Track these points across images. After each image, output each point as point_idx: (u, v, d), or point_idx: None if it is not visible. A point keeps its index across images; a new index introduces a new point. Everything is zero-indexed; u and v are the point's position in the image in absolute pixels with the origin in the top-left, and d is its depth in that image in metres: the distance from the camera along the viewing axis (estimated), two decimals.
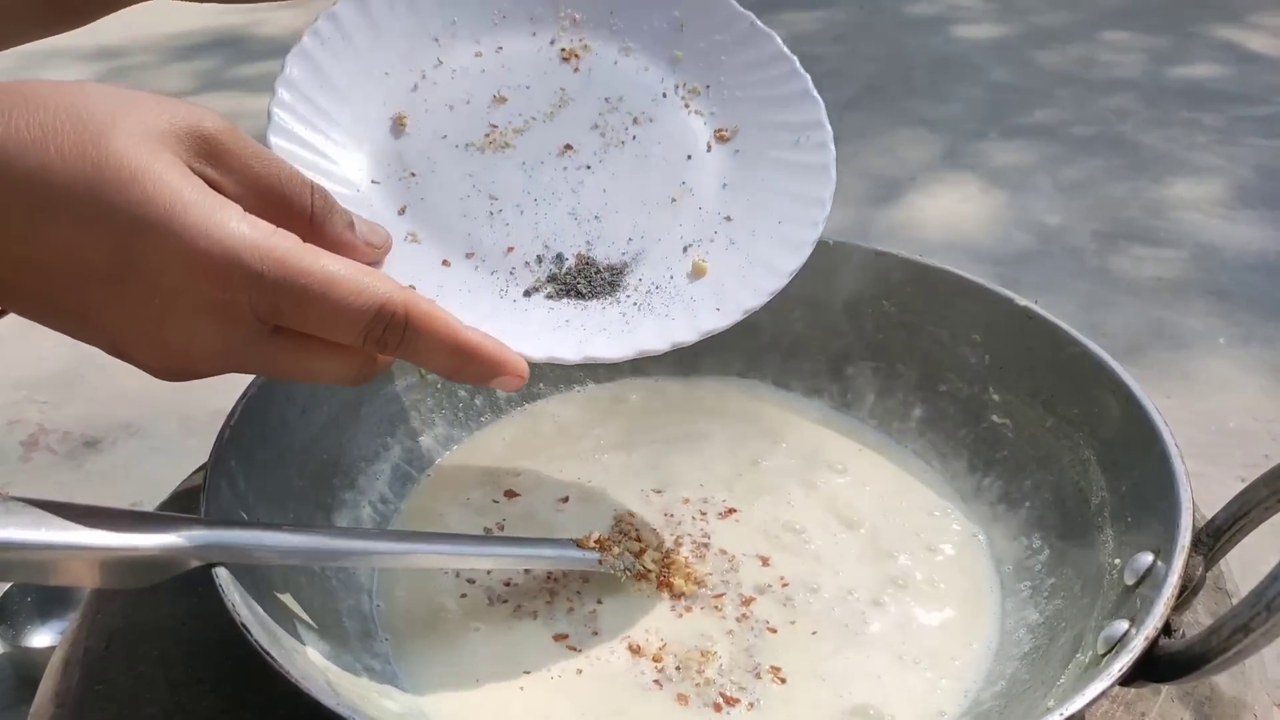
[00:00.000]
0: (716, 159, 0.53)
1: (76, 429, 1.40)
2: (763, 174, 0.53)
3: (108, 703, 0.46)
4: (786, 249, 0.51)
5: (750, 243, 0.51)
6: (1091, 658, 0.41)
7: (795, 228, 0.51)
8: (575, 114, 0.53)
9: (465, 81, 0.53)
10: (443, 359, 0.41)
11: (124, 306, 0.37)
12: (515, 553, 0.50)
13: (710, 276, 0.51)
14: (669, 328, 0.49)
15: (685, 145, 0.53)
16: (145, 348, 0.39)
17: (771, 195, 0.52)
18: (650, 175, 0.53)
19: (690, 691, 0.46)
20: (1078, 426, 0.53)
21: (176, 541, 0.39)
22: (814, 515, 0.56)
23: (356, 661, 0.46)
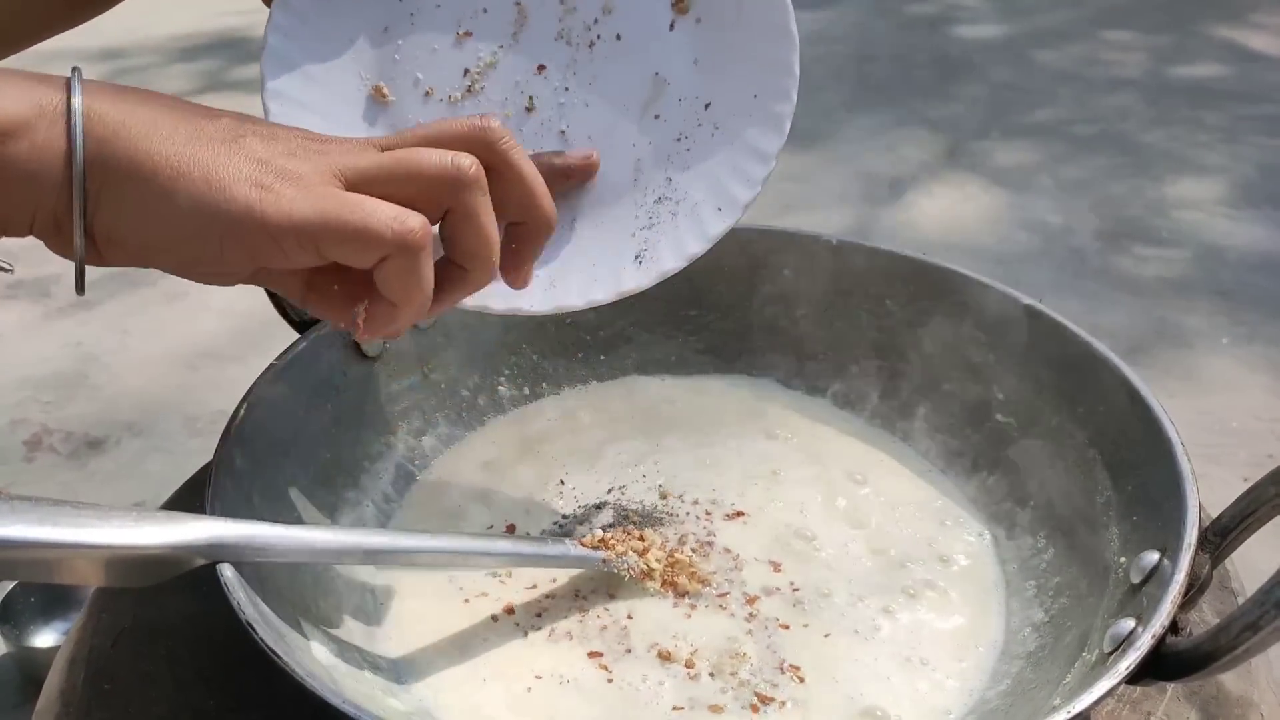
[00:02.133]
0: (681, 35, 0.53)
1: (80, 429, 1.40)
2: (729, 40, 0.52)
3: (114, 700, 0.46)
4: (767, 128, 0.51)
5: (732, 124, 0.52)
6: (1098, 656, 0.40)
7: (770, 101, 0.51)
8: (537, 29, 0.53)
9: (428, 27, 0.53)
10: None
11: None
12: (519, 551, 0.50)
13: (704, 172, 0.52)
14: (682, 241, 0.51)
15: (649, 28, 0.53)
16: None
17: (741, 66, 0.52)
18: (625, 75, 0.53)
19: (728, 699, 0.46)
20: (1083, 425, 0.53)
21: (181, 540, 0.39)
22: (824, 521, 0.56)
23: (363, 660, 0.46)
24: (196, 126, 0.39)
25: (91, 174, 0.38)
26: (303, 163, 0.39)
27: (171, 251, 0.40)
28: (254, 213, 0.38)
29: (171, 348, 1.57)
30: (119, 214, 0.39)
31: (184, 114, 0.40)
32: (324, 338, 0.56)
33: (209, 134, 0.39)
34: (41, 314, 1.65)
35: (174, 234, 0.39)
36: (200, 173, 0.38)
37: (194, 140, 0.39)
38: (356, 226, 0.38)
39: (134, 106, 0.39)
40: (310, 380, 0.55)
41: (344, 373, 0.57)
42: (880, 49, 2.82)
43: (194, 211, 0.38)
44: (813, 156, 2.17)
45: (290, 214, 0.38)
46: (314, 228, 0.38)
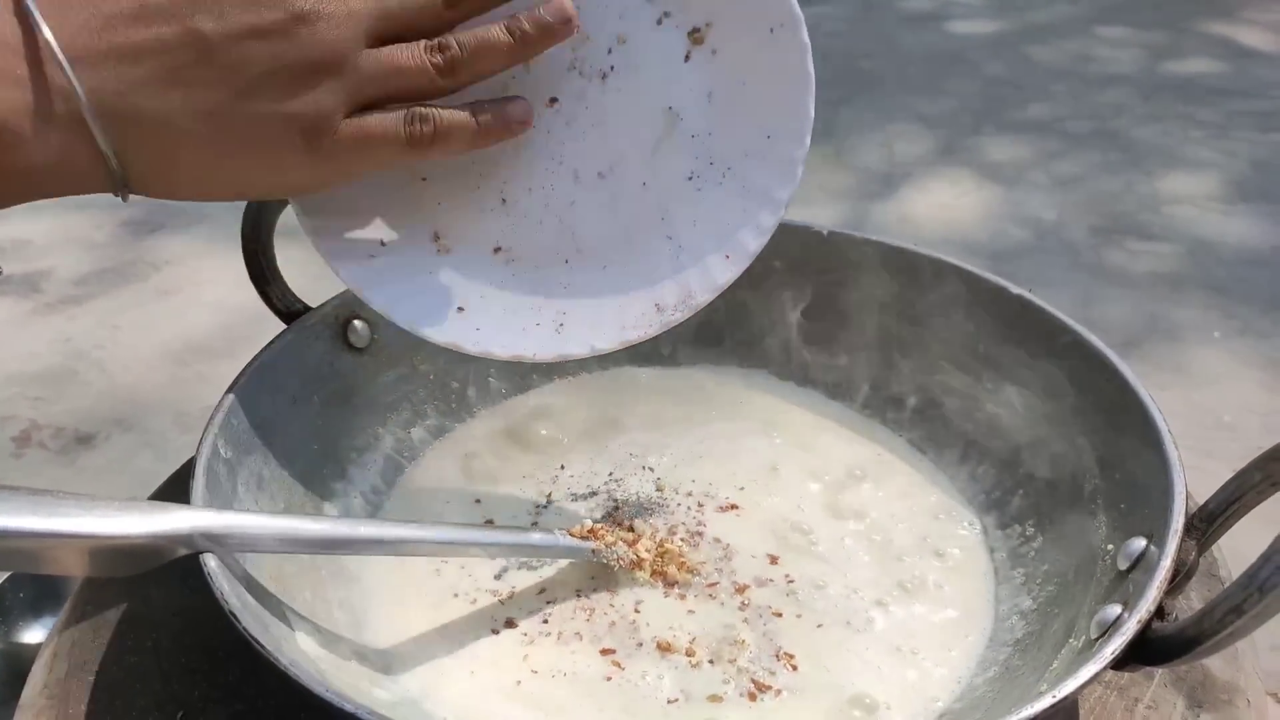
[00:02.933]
0: (697, 67, 0.51)
1: (70, 425, 1.39)
2: (744, 77, 0.50)
3: (98, 692, 0.45)
4: (779, 173, 0.50)
5: (743, 167, 0.51)
6: (1084, 642, 0.40)
7: (784, 144, 0.50)
8: (549, 59, 0.51)
9: None
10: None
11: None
12: (508, 541, 0.50)
13: (713, 217, 0.51)
14: (689, 290, 0.51)
15: (663, 60, 0.51)
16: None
17: (756, 105, 0.50)
18: (638, 108, 0.51)
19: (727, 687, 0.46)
20: (1071, 413, 0.52)
21: (164, 529, 0.39)
22: (821, 516, 0.56)
23: (349, 651, 0.46)
24: (198, 76, 0.40)
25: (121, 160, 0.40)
26: (316, 96, 0.42)
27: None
28: (310, 179, 0.44)
29: (162, 343, 1.57)
30: (159, 179, 0.42)
31: (165, 65, 0.40)
32: (311, 329, 0.56)
33: (215, 85, 0.41)
34: (30, 309, 1.64)
35: (228, 193, 0.44)
36: (241, 146, 0.42)
37: (208, 101, 0.40)
38: (382, 157, 0.44)
39: (118, 71, 0.39)
40: (297, 371, 0.55)
41: (331, 364, 0.57)
42: (874, 44, 2.82)
43: (249, 187, 0.45)
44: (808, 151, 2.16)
45: (338, 171, 0.44)
46: (353, 172, 0.45)
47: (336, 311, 0.57)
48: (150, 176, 0.42)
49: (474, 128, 0.46)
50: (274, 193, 0.46)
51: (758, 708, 0.45)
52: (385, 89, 0.44)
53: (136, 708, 0.44)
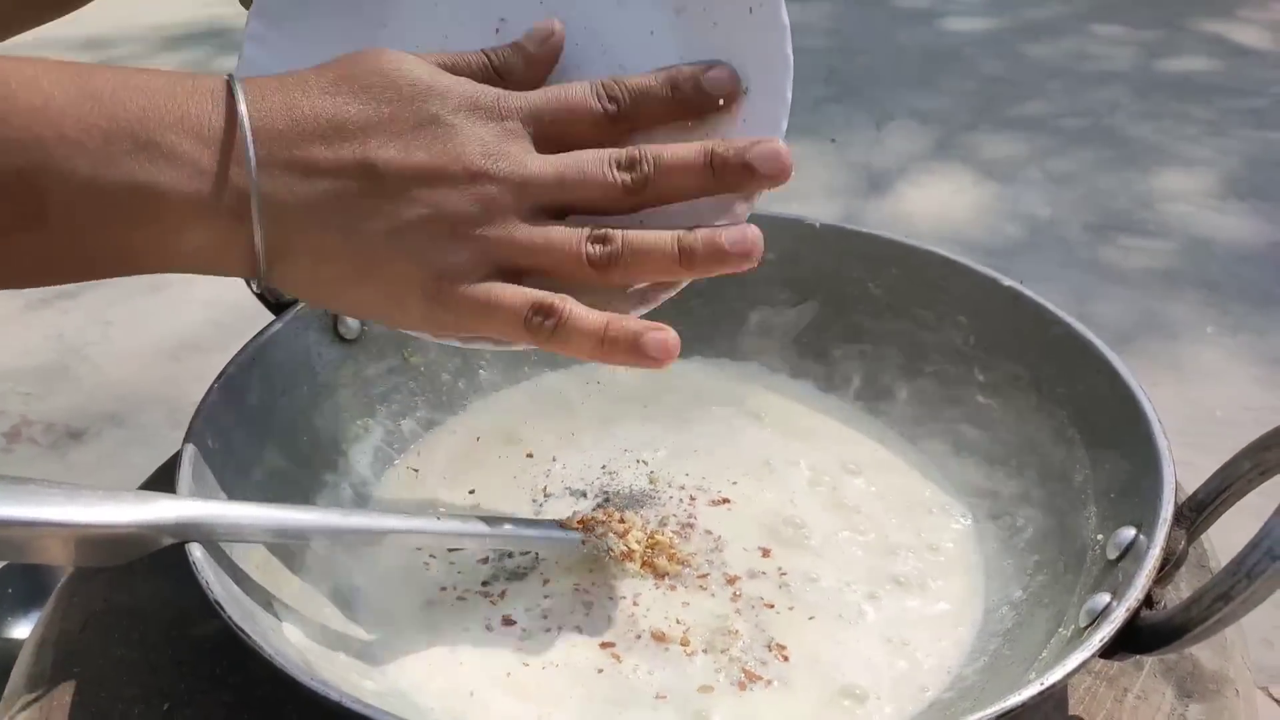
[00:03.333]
0: (670, 45, 0.48)
1: (60, 420, 1.39)
2: (715, 44, 0.48)
3: (83, 684, 0.45)
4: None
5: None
6: (1074, 631, 0.40)
7: (759, 130, 0.47)
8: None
9: (406, 40, 0.49)
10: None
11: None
12: (497, 532, 0.49)
13: (686, 205, 0.47)
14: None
15: (636, 39, 0.49)
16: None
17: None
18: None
19: (719, 676, 0.45)
20: (1062, 405, 0.52)
21: (149, 518, 0.39)
22: (814, 510, 0.55)
23: (336, 643, 0.45)
24: (361, 206, 0.42)
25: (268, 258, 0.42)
26: (461, 251, 0.42)
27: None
28: (426, 324, 0.44)
29: (154, 339, 1.57)
30: (296, 284, 0.44)
31: (335, 188, 0.42)
32: (300, 319, 0.56)
33: (374, 217, 0.42)
34: (22, 305, 1.64)
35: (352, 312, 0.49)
36: (376, 279, 0.43)
37: (361, 231, 0.42)
38: (496, 330, 0.44)
39: (293, 182, 0.41)
40: (286, 362, 0.54)
41: (320, 355, 0.57)
42: (870, 41, 2.82)
43: (368, 311, 0.46)
44: (801, 148, 2.17)
45: (455, 326, 0.44)
46: (467, 331, 0.45)
47: None
48: (287, 278, 0.43)
49: (599, 340, 0.43)
50: (390, 325, 0.46)
51: (748, 697, 0.44)
52: (534, 261, 0.43)
53: (122, 699, 0.44)
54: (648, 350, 0.43)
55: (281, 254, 0.42)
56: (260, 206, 0.40)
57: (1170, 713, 0.44)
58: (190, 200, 0.40)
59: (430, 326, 0.45)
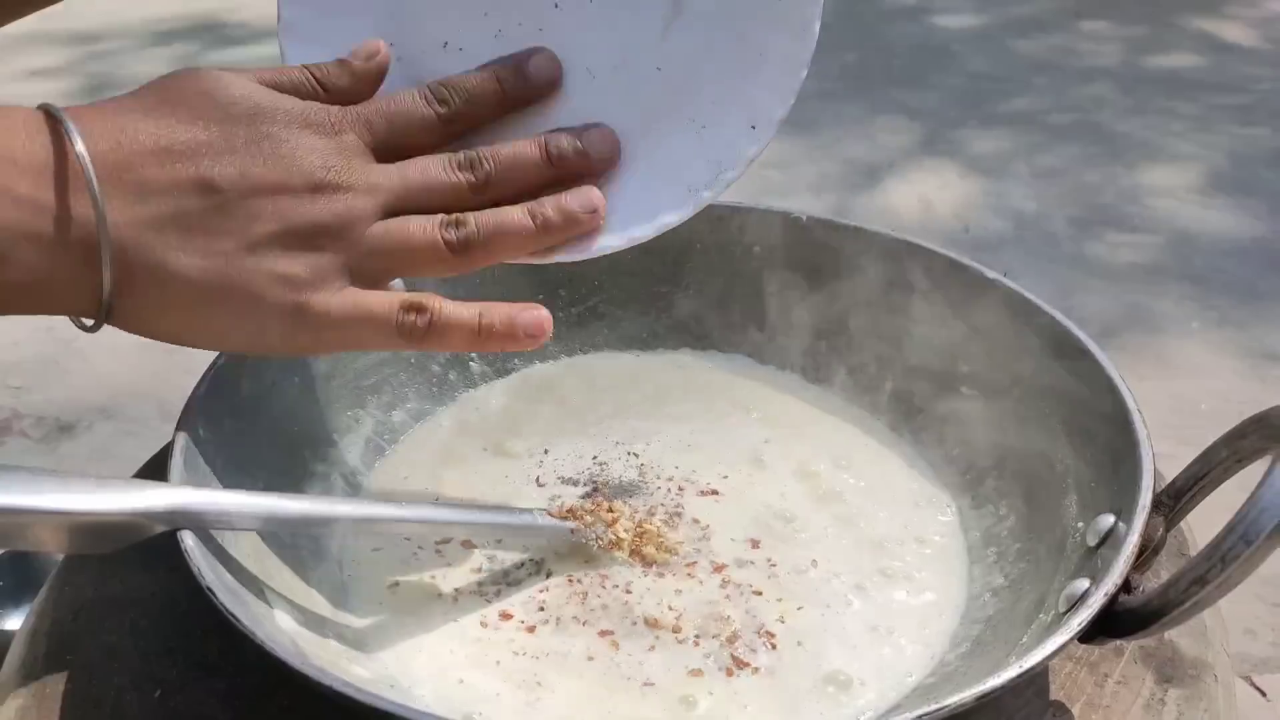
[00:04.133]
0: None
1: (51, 413, 1.39)
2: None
3: (76, 672, 0.45)
4: (793, 34, 0.49)
5: (757, 32, 0.49)
6: (1053, 617, 0.41)
7: (796, 3, 0.49)
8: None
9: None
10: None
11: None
12: (487, 520, 0.50)
13: (732, 89, 0.50)
14: (718, 161, 0.49)
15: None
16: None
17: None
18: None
19: (707, 662, 0.46)
20: (1043, 395, 0.53)
21: (141, 506, 0.39)
22: (804, 504, 0.56)
23: (328, 629, 0.46)
24: (206, 225, 0.40)
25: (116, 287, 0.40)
26: (318, 261, 0.42)
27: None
28: (287, 344, 0.43)
29: None
30: (142, 318, 0.42)
31: (176, 208, 0.40)
32: None
33: (221, 236, 0.41)
34: None
35: (203, 343, 0.43)
36: (231, 300, 0.41)
37: (211, 252, 0.40)
38: (367, 340, 0.43)
39: (134, 206, 0.40)
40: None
41: None
42: (859, 37, 2.83)
43: (224, 339, 0.43)
44: (791, 144, 2.17)
45: (319, 343, 0.43)
46: (331, 347, 0.45)
47: None
48: (133, 312, 0.41)
49: (474, 329, 0.44)
50: (249, 350, 0.45)
51: (735, 683, 0.45)
52: (391, 260, 0.43)
53: (114, 686, 0.44)
54: (524, 330, 0.44)
55: (129, 284, 0.40)
56: (107, 236, 0.39)
57: (1150, 698, 0.44)
58: (31, 236, 0.38)
59: (291, 347, 0.44)
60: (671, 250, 0.67)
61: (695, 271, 0.67)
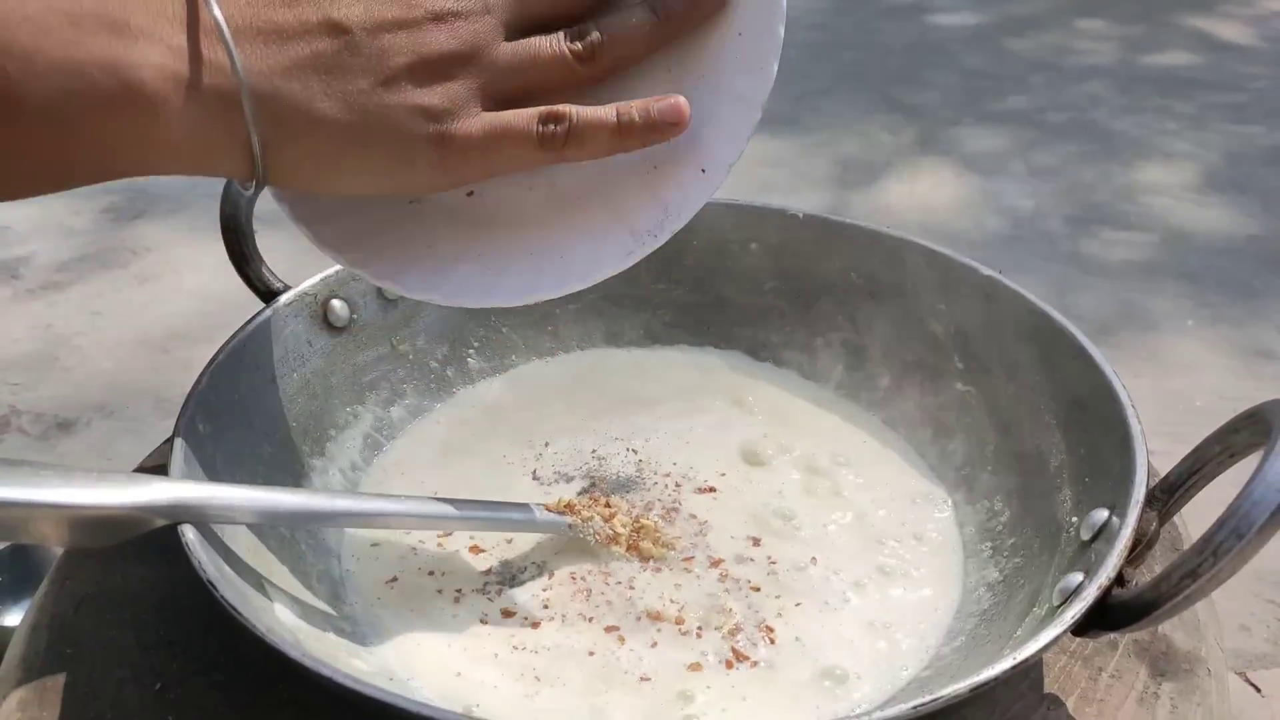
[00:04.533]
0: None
1: (50, 410, 1.39)
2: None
3: (76, 665, 0.46)
4: (752, 73, 0.46)
5: (715, 72, 0.46)
6: (1047, 610, 0.41)
7: (755, 40, 0.46)
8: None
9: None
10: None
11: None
12: (485, 515, 0.50)
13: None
14: (665, 206, 0.46)
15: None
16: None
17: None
18: None
19: (706, 657, 0.46)
20: (1039, 392, 0.53)
21: (142, 500, 0.39)
22: (803, 501, 0.56)
23: (327, 623, 0.46)
24: (341, 65, 0.41)
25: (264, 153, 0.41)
26: (454, 88, 0.42)
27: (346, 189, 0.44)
28: (439, 173, 0.43)
29: (143, 330, 1.56)
30: (294, 170, 0.42)
31: (310, 50, 0.40)
32: (289, 307, 0.56)
33: (356, 75, 0.41)
34: (10, 296, 1.64)
35: (359, 187, 0.44)
36: (376, 138, 0.41)
37: (349, 93, 0.41)
38: (512, 157, 0.43)
39: (267, 51, 0.40)
40: (276, 349, 0.55)
41: (309, 343, 0.57)
42: (856, 35, 2.83)
43: (376, 180, 0.43)
44: (787, 142, 2.18)
45: (468, 168, 0.43)
46: (479, 172, 0.44)
47: (315, 291, 0.58)
48: (283, 163, 0.42)
49: (613, 127, 0.44)
50: (401, 189, 0.45)
51: (732, 677, 0.45)
52: (524, 81, 0.43)
53: (114, 680, 0.45)
54: (664, 118, 0.44)
55: (272, 135, 0.40)
56: (244, 77, 0.39)
57: (1144, 691, 0.45)
58: (171, 79, 0.38)
59: (444, 177, 0.44)
60: (669, 248, 0.67)
61: (692, 269, 0.67)
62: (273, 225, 0.54)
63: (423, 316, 0.63)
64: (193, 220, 1.84)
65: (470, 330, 0.65)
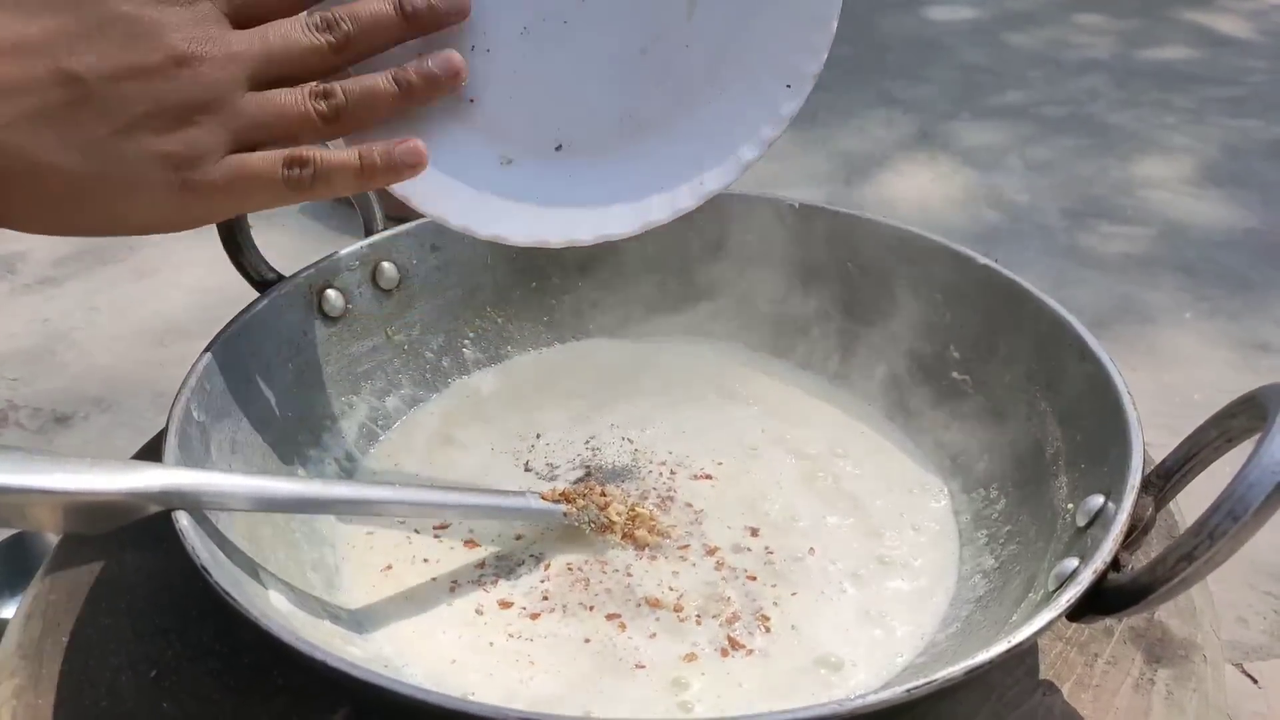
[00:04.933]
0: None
1: (47, 405, 1.39)
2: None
3: (71, 653, 0.46)
4: (780, 87, 0.49)
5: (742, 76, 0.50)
6: (1043, 596, 0.41)
7: (793, 55, 0.49)
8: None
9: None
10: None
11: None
12: (479, 503, 0.50)
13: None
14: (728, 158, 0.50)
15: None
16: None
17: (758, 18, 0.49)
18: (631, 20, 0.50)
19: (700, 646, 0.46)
20: (1034, 380, 0.53)
21: (135, 486, 0.39)
22: (800, 492, 0.56)
23: (322, 611, 0.46)
24: (75, 116, 0.40)
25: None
26: (195, 133, 0.42)
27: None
28: (180, 218, 0.43)
29: (139, 324, 1.56)
30: (29, 216, 0.42)
31: (40, 104, 0.40)
32: (284, 297, 0.56)
33: (92, 124, 0.40)
34: (7, 290, 1.63)
35: (101, 230, 0.43)
36: (114, 186, 0.41)
37: (85, 143, 0.40)
38: (257, 199, 0.44)
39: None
40: (271, 338, 0.55)
41: (304, 332, 0.57)
42: (854, 30, 2.83)
43: (116, 223, 0.43)
44: (785, 137, 2.16)
45: (210, 212, 0.43)
46: (226, 212, 0.44)
47: (310, 281, 0.58)
48: (18, 212, 0.41)
49: (356, 169, 0.45)
50: (145, 230, 0.45)
51: (728, 664, 0.45)
52: (268, 133, 0.44)
53: (109, 667, 0.45)
54: (404, 161, 0.45)
55: (5, 186, 0.40)
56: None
57: (1139, 678, 0.45)
58: None
59: (187, 218, 0.43)
60: (665, 238, 0.67)
61: (688, 259, 0.67)
62: (270, 222, 0.54)
63: (418, 307, 0.63)
64: None
65: (466, 321, 0.65)
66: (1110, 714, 0.43)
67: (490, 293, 0.66)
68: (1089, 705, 0.43)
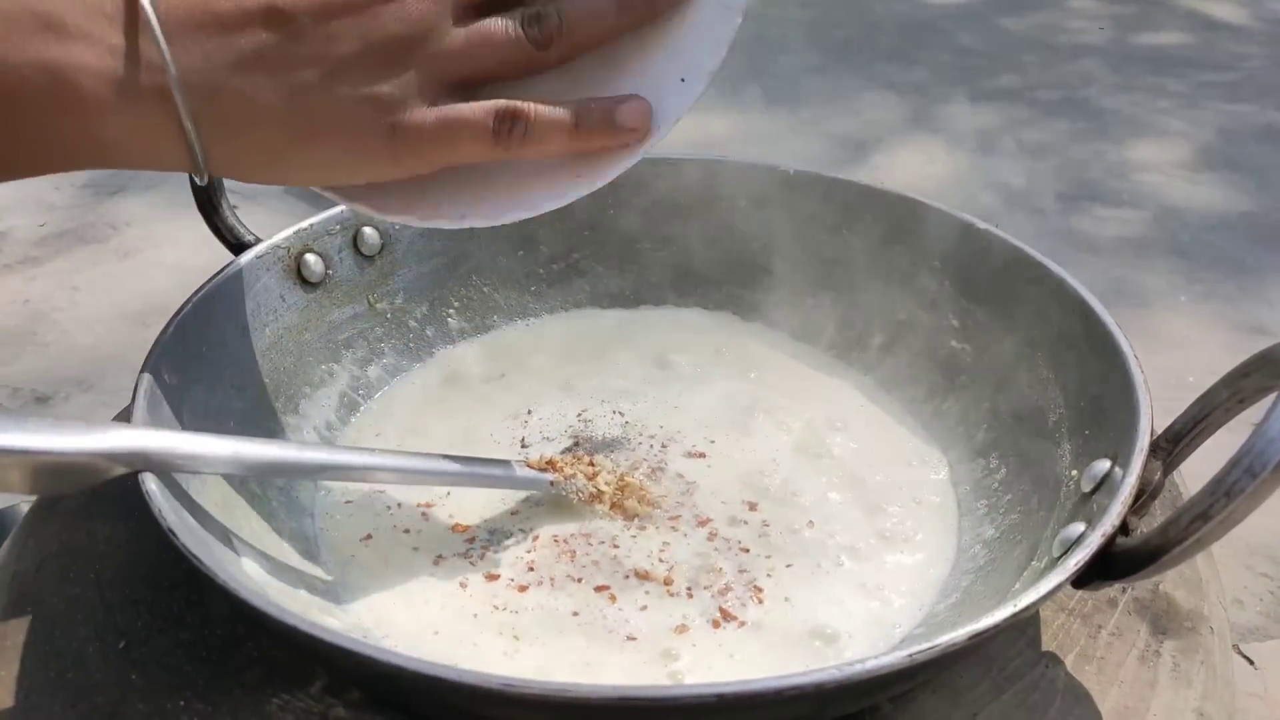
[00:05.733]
0: None
1: (27, 385, 1.37)
2: None
3: (37, 624, 0.44)
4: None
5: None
6: (1047, 563, 0.40)
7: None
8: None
9: None
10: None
11: None
12: (464, 471, 0.48)
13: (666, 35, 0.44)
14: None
15: None
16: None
17: None
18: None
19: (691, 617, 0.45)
20: (1036, 346, 0.52)
21: (101, 447, 0.37)
22: (797, 465, 0.54)
23: (299, 580, 0.44)
24: (284, 56, 0.39)
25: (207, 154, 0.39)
26: (404, 76, 0.40)
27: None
28: (392, 166, 0.41)
29: (121, 305, 1.54)
30: (242, 164, 0.41)
31: (251, 43, 0.39)
32: (261, 260, 0.54)
33: (301, 65, 0.39)
34: None
35: (311, 179, 0.42)
36: (325, 132, 0.40)
37: (295, 85, 0.39)
38: (465, 150, 0.41)
39: (205, 46, 0.38)
40: (247, 302, 0.53)
41: (282, 297, 0.55)
42: (847, 13, 2.81)
43: (328, 172, 0.42)
44: (780, 119, 2.16)
45: (421, 160, 0.41)
46: (434, 163, 0.42)
47: (289, 244, 0.56)
48: (229, 157, 0.40)
49: (570, 128, 0.42)
50: (352, 179, 0.43)
51: (719, 636, 0.44)
52: (477, 65, 0.41)
53: (77, 638, 0.43)
54: (624, 122, 0.42)
55: (216, 130, 0.39)
56: (179, 76, 0.37)
57: (1144, 649, 0.43)
58: (107, 79, 0.37)
59: (395, 168, 0.42)
60: (655, 204, 0.65)
61: (679, 226, 0.66)
62: (252, 199, 0.53)
63: (401, 275, 0.61)
64: (172, 195, 1.82)
65: (451, 290, 0.63)
66: (1115, 686, 0.41)
67: (476, 261, 0.64)
68: (1093, 677, 0.42)
